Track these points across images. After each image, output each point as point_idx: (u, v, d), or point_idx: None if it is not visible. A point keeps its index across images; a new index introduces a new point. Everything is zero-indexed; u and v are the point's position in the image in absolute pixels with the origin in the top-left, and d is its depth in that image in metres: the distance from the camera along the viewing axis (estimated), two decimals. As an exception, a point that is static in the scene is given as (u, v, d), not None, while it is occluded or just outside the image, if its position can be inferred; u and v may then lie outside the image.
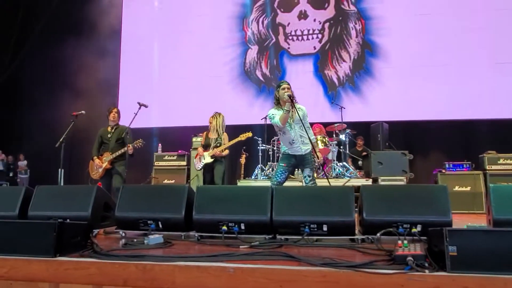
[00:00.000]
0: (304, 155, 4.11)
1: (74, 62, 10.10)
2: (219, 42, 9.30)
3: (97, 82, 9.86)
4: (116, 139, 5.02)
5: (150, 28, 9.73)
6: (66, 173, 8.90)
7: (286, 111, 4.01)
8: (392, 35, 8.52)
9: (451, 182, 6.24)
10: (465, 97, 7.87)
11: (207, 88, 9.09)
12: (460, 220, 4.96)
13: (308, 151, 4.08)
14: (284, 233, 3.13)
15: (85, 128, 7.34)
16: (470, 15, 8.11)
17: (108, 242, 3.26)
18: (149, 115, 8.23)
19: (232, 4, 9.39)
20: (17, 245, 2.58)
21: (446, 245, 2.15)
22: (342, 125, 7.15)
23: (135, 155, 5.18)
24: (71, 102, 9.15)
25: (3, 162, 10.59)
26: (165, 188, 3.90)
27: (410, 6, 8.45)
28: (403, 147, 6.99)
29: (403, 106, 8.12)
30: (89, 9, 10.09)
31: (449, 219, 2.93)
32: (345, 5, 8.87)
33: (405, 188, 4.14)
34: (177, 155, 7.54)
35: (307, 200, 3.17)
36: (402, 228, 2.93)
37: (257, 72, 9.16)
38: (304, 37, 9.00)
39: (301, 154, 4.11)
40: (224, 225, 3.14)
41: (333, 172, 6.59)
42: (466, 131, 7.93)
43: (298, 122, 4.12)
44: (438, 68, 8.17)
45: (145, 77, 9.58)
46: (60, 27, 10.27)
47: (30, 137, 10.47)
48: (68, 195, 3.60)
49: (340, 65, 8.79)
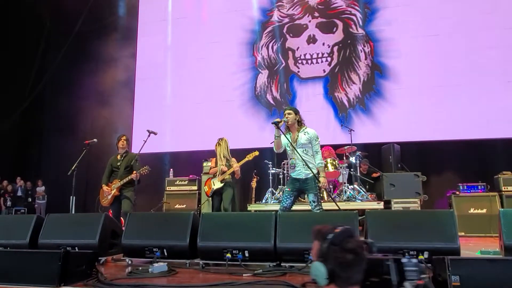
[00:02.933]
0: (305, 179, 4.07)
1: (91, 91, 10.45)
2: (230, 68, 9.50)
3: (113, 110, 10.16)
4: (125, 167, 5.12)
5: (163, 56, 10.02)
6: (81, 200, 9.10)
7: (276, 137, 4.13)
8: (401, 57, 8.53)
9: (466, 204, 6.08)
10: (478, 117, 7.73)
11: (219, 113, 9.23)
12: (475, 244, 4.81)
13: (310, 176, 4.02)
14: (289, 260, 3.11)
15: (100, 155, 7.53)
16: (479, 34, 8.07)
17: (114, 270, 3.29)
18: (162, 140, 8.38)
19: (242, 31, 9.62)
20: (24, 274, 2.64)
21: (448, 274, 2.10)
22: (352, 148, 7.11)
23: (146, 182, 5.25)
24: (87, 130, 9.42)
25: (22, 188, 10.86)
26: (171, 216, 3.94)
27: (419, 28, 8.48)
28: (415, 168, 6.87)
29: (414, 127, 8.02)
30: (106, 39, 10.51)
31: (457, 245, 2.85)
32: (353, 29, 8.97)
33: (411, 213, 4.06)
34: (188, 179, 7.61)
35: (311, 226, 3.14)
36: (408, 255, 2.86)
37: (268, 96, 9.27)
38: (313, 61, 9.10)
39: (302, 178, 4.08)
40: (228, 253, 3.15)
41: (344, 195, 6.51)
42: (480, 151, 7.76)
43: (301, 146, 4.12)
44: (450, 88, 8.10)
45: (158, 103, 9.80)
46: (78, 57, 10.69)
47: (48, 164, 10.78)
48: (77, 223, 3.67)
49: (350, 87, 8.82)
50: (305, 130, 4.20)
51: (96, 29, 10.59)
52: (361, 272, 1.31)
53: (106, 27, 10.62)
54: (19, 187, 10.86)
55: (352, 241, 1.30)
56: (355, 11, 9.01)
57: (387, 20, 8.73)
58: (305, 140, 4.12)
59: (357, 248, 1.28)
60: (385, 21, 8.74)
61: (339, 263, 1.28)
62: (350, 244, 1.29)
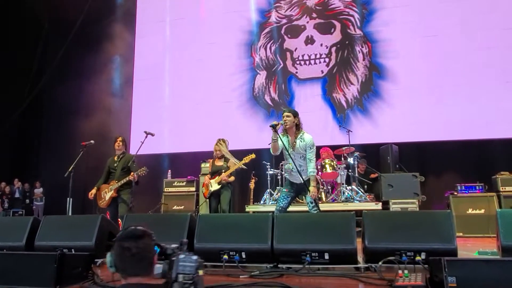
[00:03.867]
0: (300, 183, 4.09)
1: (89, 92, 10.45)
2: (228, 69, 9.49)
3: (111, 111, 10.15)
4: (122, 168, 5.11)
5: (162, 57, 10.02)
6: (79, 201, 9.06)
7: (273, 140, 4.10)
8: (399, 57, 8.53)
9: (464, 204, 6.07)
10: (476, 117, 7.74)
11: (217, 114, 9.22)
12: (474, 245, 4.80)
13: (306, 180, 4.05)
14: (286, 261, 3.10)
15: (99, 157, 7.52)
16: (478, 35, 8.07)
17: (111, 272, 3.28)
18: (160, 141, 8.38)
19: (240, 32, 9.62)
20: (20, 276, 2.63)
21: (445, 275, 2.09)
22: (350, 148, 7.11)
23: (144, 183, 5.23)
24: (85, 131, 9.39)
25: (19, 190, 10.84)
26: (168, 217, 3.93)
27: (417, 29, 8.49)
28: (414, 169, 6.87)
29: (413, 128, 8.03)
30: (104, 41, 10.51)
31: (454, 246, 2.85)
32: (351, 30, 8.97)
33: (408, 214, 4.06)
34: (186, 181, 7.60)
35: (308, 227, 3.15)
36: (405, 256, 2.86)
37: (266, 96, 9.27)
38: (311, 62, 9.10)
39: (300, 183, 4.09)
40: (225, 254, 3.14)
41: (342, 196, 6.51)
42: (478, 151, 7.76)
43: (299, 152, 4.13)
44: (448, 89, 8.10)
45: (156, 104, 9.80)
46: (76, 59, 10.68)
47: (46, 166, 10.76)
48: (74, 225, 3.66)
49: (348, 88, 8.82)
50: (302, 136, 4.14)
51: (94, 30, 10.59)
52: (137, 267, 1.58)
53: (104, 28, 10.61)
54: (17, 188, 10.85)
55: (130, 241, 1.59)
56: (353, 12, 9.02)
57: (385, 20, 8.73)
58: (301, 148, 4.12)
59: (132, 248, 1.57)
60: (383, 21, 8.74)
61: (116, 256, 1.60)
62: (127, 244, 1.57)
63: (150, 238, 1.66)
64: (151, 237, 1.68)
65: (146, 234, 1.65)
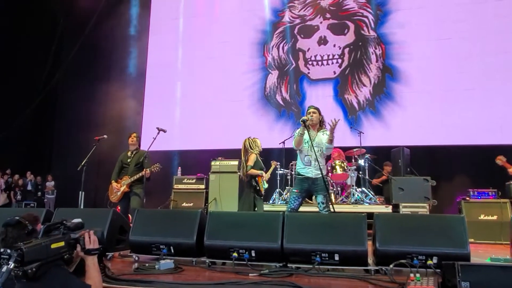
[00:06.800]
0: (314, 179, 4.10)
1: (103, 87, 10.57)
2: (241, 68, 9.51)
3: (124, 107, 10.25)
4: (135, 163, 5.15)
5: (174, 55, 10.08)
6: (91, 195, 9.17)
7: (299, 134, 4.13)
8: (413, 60, 8.45)
9: (476, 210, 5.99)
10: (490, 122, 7.63)
11: (228, 112, 9.24)
12: (485, 251, 4.74)
13: (319, 177, 4.06)
14: (295, 261, 3.09)
15: (111, 151, 7.59)
16: (492, 38, 7.95)
17: (121, 265, 3.31)
18: (171, 138, 8.41)
19: (253, 31, 9.62)
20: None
21: (458, 280, 2.07)
22: (361, 150, 7.06)
23: (154, 179, 5.27)
24: (99, 126, 9.50)
25: (32, 182, 11.00)
26: (178, 213, 3.94)
27: (431, 31, 8.40)
28: (425, 172, 6.78)
29: (425, 131, 7.94)
30: (118, 37, 10.61)
31: (467, 251, 2.81)
32: (365, 31, 8.91)
33: (420, 217, 4.02)
34: (196, 178, 7.62)
35: (319, 228, 3.13)
36: (417, 260, 2.83)
37: (277, 96, 9.26)
38: (324, 62, 9.06)
39: (312, 177, 4.11)
40: (235, 252, 3.14)
41: (352, 198, 6.47)
42: (491, 157, 7.62)
43: (317, 146, 4.16)
44: (462, 92, 8.00)
45: (168, 101, 9.87)
46: (90, 54, 10.81)
47: (59, 159, 10.90)
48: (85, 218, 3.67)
49: (360, 89, 8.76)
50: (325, 131, 4.26)
51: (109, 27, 10.70)
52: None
53: (118, 25, 10.71)
54: (29, 181, 11.01)
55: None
56: (367, 13, 8.96)
57: (399, 22, 8.66)
58: (323, 141, 4.17)
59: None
60: (397, 23, 8.67)
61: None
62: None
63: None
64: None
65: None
